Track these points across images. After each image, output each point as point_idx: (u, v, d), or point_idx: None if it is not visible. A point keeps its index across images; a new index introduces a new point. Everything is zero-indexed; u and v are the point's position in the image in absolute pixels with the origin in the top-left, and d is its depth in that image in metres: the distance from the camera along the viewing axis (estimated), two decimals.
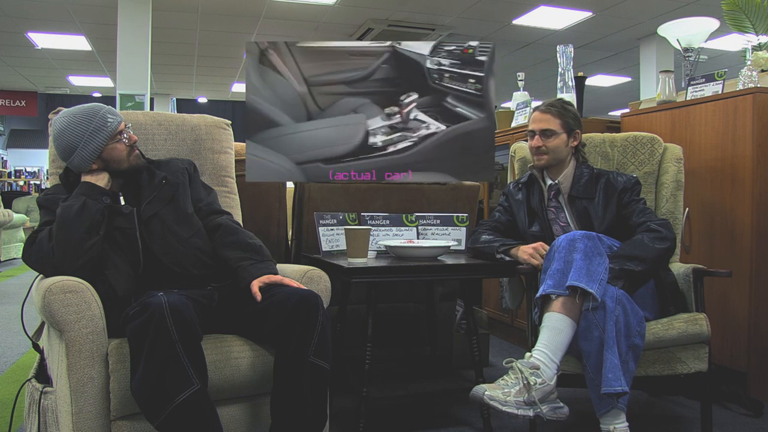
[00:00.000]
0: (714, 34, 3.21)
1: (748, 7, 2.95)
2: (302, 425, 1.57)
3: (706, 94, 2.72)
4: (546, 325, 1.80)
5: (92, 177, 1.77)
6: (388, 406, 2.49)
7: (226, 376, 1.61)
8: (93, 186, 1.74)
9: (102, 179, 1.77)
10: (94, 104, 1.80)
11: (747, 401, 2.40)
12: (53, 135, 1.80)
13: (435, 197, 2.61)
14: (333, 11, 7.03)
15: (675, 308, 2.03)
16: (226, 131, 2.31)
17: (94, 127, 1.74)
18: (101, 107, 1.79)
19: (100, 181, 1.76)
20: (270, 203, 2.57)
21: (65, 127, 1.75)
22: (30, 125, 15.73)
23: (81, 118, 1.75)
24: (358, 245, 2.08)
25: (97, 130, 1.75)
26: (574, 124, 2.21)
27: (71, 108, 1.80)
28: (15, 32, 7.98)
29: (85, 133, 1.74)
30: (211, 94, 12.63)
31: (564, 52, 3.15)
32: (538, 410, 1.69)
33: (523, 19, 7.28)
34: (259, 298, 1.67)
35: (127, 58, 6.36)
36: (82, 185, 1.74)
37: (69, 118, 1.76)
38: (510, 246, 2.11)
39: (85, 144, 1.74)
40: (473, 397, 1.71)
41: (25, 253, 1.69)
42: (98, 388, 1.50)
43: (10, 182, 14.89)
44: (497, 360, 3.10)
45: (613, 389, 1.68)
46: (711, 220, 2.64)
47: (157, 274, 1.75)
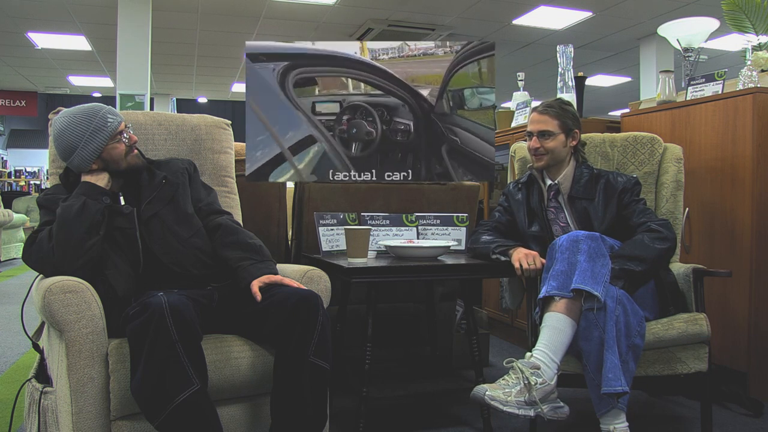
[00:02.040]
0: (714, 34, 3.21)
1: (748, 7, 2.95)
2: (302, 425, 1.57)
3: (706, 94, 2.72)
4: (547, 324, 1.80)
5: (92, 177, 1.77)
6: (388, 406, 2.49)
7: (226, 376, 1.61)
8: (93, 186, 1.74)
9: (102, 179, 1.77)
10: (95, 104, 1.80)
11: (747, 401, 2.40)
12: (53, 135, 1.80)
13: (435, 197, 2.60)
14: (333, 11, 7.03)
15: (675, 308, 2.03)
16: (226, 131, 2.31)
17: (94, 127, 1.74)
18: (101, 107, 1.79)
19: (100, 181, 1.76)
20: (270, 203, 2.57)
21: (65, 127, 1.75)
22: (30, 125, 15.73)
23: (81, 118, 1.75)
24: (358, 245, 2.08)
25: (97, 130, 1.75)
26: (572, 124, 2.20)
27: (71, 108, 1.80)
28: (15, 32, 7.98)
29: (85, 133, 1.74)
30: (211, 94, 12.63)
31: (564, 52, 3.15)
32: (539, 410, 1.69)
33: (523, 19, 7.27)
34: (259, 298, 1.67)
35: (127, 58, 6.36)
36: (82, 185, 1.74)
37: (69, 118, 1.76)
38: (507, 247, 2.11)
39: (85, 144, 1.74)
40: (474, 397, 1.71)
41: (25, 253, 1.69)
42: (98, 388, 1.50)
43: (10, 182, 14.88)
44: (497, 360, 3.10)
45: (613, 389, 1.68)
46: (711, 220, 2.64)
47: (157, 274, 1.74)
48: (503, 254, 2.09)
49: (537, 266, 2.00)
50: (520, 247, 2.09)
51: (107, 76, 10.43)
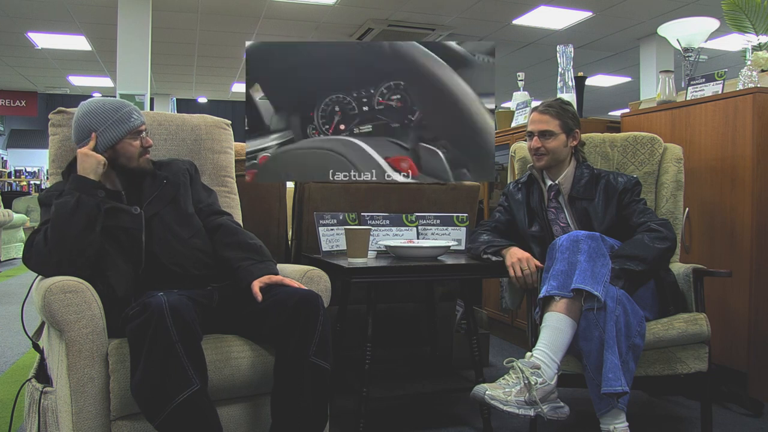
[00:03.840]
0: (714, 34, 3.21)
1: (748, 7, 2.95)
2: (303, 425, 1.57)
3: (706, 94, 2.72)
4: (547, 324, 1.80)
5: (85, 153, 1.71)
6: (388, 406, 2.49)
7: (226, 376, 1.61)
8: (86, 180, 1.69)
9: (97, 165, 1.71)
10: (124, 101, 1.86)
11: (747, 401, 2.40)
12: (77, 114, 1.82)
13: (435, 197, 2.60)
14: (333, 11, 7.03)
15: (675, 308, 2.03)
16: (226, 131, 2.31)
17: (118, 118, 1.78)
18: (129, 104, 1.85)
19: (91, 165, 1.70)
20: (270, 203, 2.57)
21: (91, 110, 1.78)
22: (30, 125, 15.73)
23: (109, 106, 1.79)
24: (358, 245, 2.08)
25: (120, 121, 1.78)
26: (572, 124, 2.20)
27: (101, 98, 1.86)
28: (15, 32, 7.98)
29: (107, 120, 1.77)
30: (211, 94, 12.63)
31: (564, 52, 3.15)
32: (539, 410, 1.69)
33: (523, 19, 7.27)
34: (260, 298, 1.67)
35: (127, 58, 6.36)
36: (74, 179, 1.69)
37: (97, 104, 1.80)
38: (499, 247, 2.11)
39: (104, 130, 1.76)
40: (474, 396, 1.71)
41: (24, 256, 1.68)
42: (98, 388, 1.50)
43: (10, 182, 14.88)
44: (497, 360, 3.10)
45: (613, 389, 1.68)
46: (711, 220, 2.64)
47: (157, 274, 1.74)
48: (495, 254, 2.09)
49: (532, 269, 2.00)
50: (513, 248, 2.08)
51: (107, 76, 10.42)
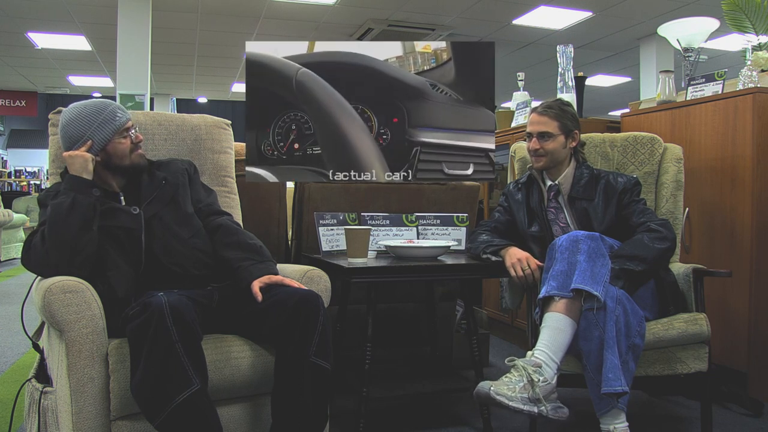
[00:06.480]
0: (714, 34, 3.21)
1: (748, 7, 2.95)
2: (303, 425, 1.57)
3: (706, 94, 2.72)
4: (547, 324, 1.80)
5: (69, 155, 1.70)
6: (388, 406, 2.49)
7: (226, 376, 1.61)
8: (80, 180, 1.68)
9: (85, 163, 1.70)
10: (104, 100, 1.83)
11: (747, 401, 2.40)
12: (61, 124, 1.80)
13: (435, 197, 2.60)
14: (333, 11, 7.03)
15: (675, 308, 2.03)
16: (226, 131, 2.31)
17: (102, 120, 1.76)
18: (111, 103, 1.82)
19: (80, 164, 1.70)
20: (270, 203, 2.57)
21: (74, 117, 1.76)
22: (30, 125, 15.73)
23: (91, 110, 1.77)
24: (358, 245, 2.08)
25: (105, 122, 1.76)
26: (572, 125, 2.20)
27: (81, 101, 1.82)
28: (15, 32, 7.98)
29: (93, 124, 1.75)
30: (211, 94, 12.63)
31: (564, 52, 3.15)
32: (542, 407, 1.69)
33: (523, 19, 7.27)
34: (260, 298, 1.67)
35: (127, 58, 6.36)
36: (68, 179, 1.69)
37: (79, 109, 1.78)
38: (498, 247, 2.11)
39: (92, 134, 1.75)
40: (479, 393, 1.70)
41: (23, 257, 1.68)
42: (98, 388, 1.50)
43: (10, 182, 14.88)
44: (497, 360, 3.10)
45: (613, 389, 1.68)
46: (711, 220, 2.64)
47: (157, 274, 1.74)
48: (494, 254, 2.09)
49: (533, 268, 2.00)
50: (512, 248, 2.09)
51: (107, 76, 10.42)
